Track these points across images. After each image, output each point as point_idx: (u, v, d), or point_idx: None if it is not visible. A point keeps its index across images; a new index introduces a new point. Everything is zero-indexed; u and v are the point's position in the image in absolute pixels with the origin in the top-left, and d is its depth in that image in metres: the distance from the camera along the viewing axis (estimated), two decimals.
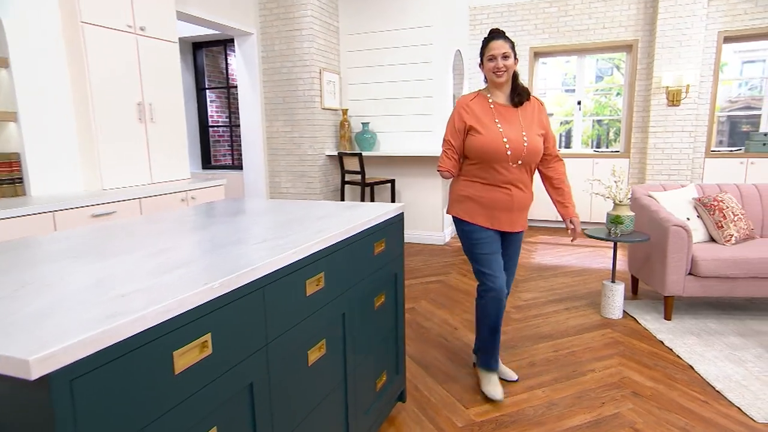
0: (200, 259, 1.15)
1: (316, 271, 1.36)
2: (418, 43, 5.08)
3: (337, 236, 1.47)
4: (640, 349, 2.62)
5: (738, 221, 3.07)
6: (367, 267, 1.71)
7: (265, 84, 5.15)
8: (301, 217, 1.72)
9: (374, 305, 1.79)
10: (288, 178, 5.24)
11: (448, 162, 2.06)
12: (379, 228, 1.78)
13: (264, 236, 1.41)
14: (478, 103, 2.01)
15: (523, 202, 2.06)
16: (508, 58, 1.93)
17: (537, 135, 2.00)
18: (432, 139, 5.20)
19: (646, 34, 5.52)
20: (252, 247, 1.27)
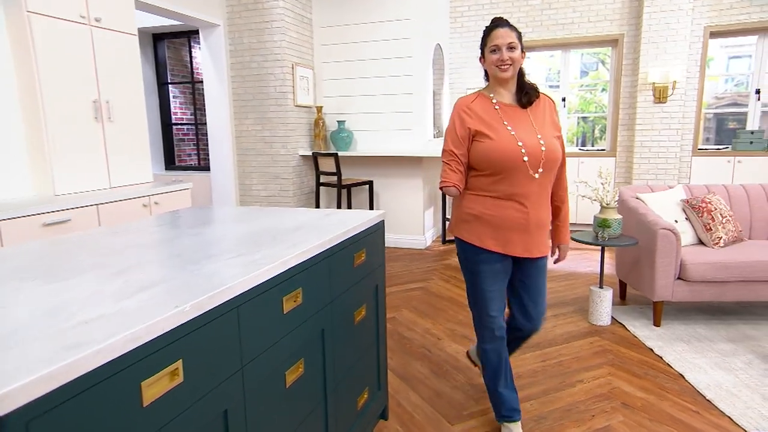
0: (168, 278, 1.14)
1: (294, 287, 1.36)
2: (397, 37, 5.10)
3: (315, 249, 1.47)
4: (629, 358, 2.69)
5: (726, 223, 3.19)
6: (347, 280, 1.71)
7: (234, 79, 5.10)
8: (275, 228, 1.71)
9: (354, 319, 1.79)
10: (259, 180, 5.19)
11: (453, 175, 1.79)
12: (359, 238, 1.79)
13: (236, 250, 1.40)
14: (481, 105, 1.80)
15: (542, 221, 1.81)
16: (515, 50, 1.72)
17: (553, 137, 1.78)
18: (412, 138, 5.23)
19: (632, 28, 5.67)
20: (224, 263, 1.26)
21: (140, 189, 3.34)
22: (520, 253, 1.81)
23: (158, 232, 1.69)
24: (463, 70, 6.26)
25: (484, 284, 1.86)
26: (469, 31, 6.15)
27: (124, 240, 1.58)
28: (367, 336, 1.93)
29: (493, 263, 1.84)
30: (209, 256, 1.34)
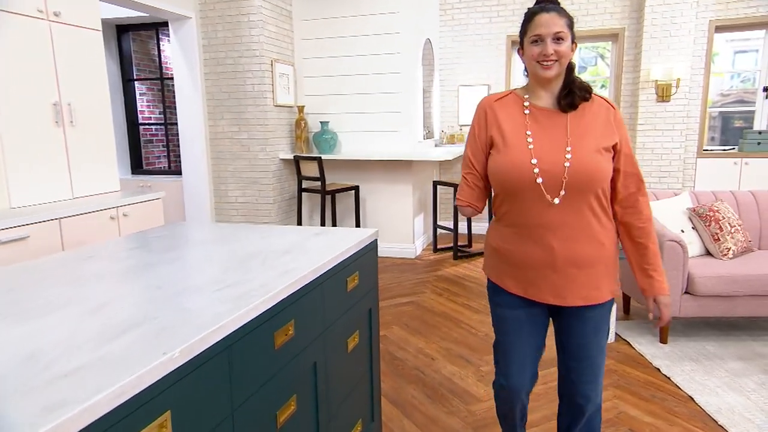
0: (152, 317, 1.13)
1: (286, 319, 1.36)
2: (384, 32, 5.12)
3: (308, 276, 1.48)
4: (635, 379, 2.74)
5: (735, 233, 3.27)
6: (340, 306, 1.72)
7: (207, 76, 5.06)
8: (263, 251, 1.71)
9: (348, 348, 1.80)
10: (236, 186, 5.16)
11: (466, 192, 1.62)
12: (352, 260, 1.80)
13: (223, 279, 1.40)
14: (507, 105, 1.56)
15: (580, 257, 1.49)
16: (563, 42, 1.44)
17: (593, 151, 1.46)
18: (400, 140, 5.25)
19: (633, 22, 5.77)
20: (211, 297, 1.26)
21: (107, 199, 3.30)
22: (551, 300, 1.54)
23: (133, 257, 1.68)
24: (454, 66, 6.31)
25: (500, 333, 1.66)
26: (460, 24, 6.20)
27: (97, 267, 1.57)
28: (361, 364, 1.94)
29: (514, 308, 1.60)
30: (194, 288, 1.33)
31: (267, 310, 1.27)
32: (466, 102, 6.31)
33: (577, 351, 1.60)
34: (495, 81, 6.22)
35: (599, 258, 1.52)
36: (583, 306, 1.54)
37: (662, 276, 1.58)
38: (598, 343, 1.59)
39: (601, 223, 1.52)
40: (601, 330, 1.59)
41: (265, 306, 1.26)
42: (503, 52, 6.15)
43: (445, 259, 5.34)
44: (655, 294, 1.58)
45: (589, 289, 1.52)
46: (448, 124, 6.42)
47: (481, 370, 2.91)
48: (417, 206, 5.49)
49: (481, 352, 3.14)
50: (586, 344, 1.58)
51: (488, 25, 6.13)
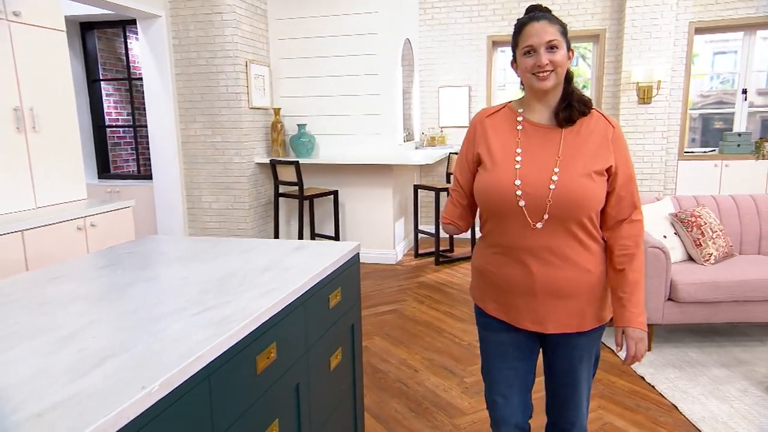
0: (128, 346, 1.12)
1: (268, 342, 1.36)
2: (362, 32, 5.13)
3: (290, 296, 1.48)
4: (620, 388, 2.80)
5: (717, 238, 3.36)
6: (322, 324, 1.72)
7: (179, 77, 5.01)
8: (241, 269, 1.70)
9: (330, 366, 1.80)
10: (210, 191, 5.12)
11: (449, 209, 1.63)
12: (334, 276, 1.80)
13: (202, 302, 1.39)
14: (499, 121, 1.54)
15: (560, 286, 1.46)
16: (557, 50, 1.40)
17: (582, 175, 1.41)
18: (380, 143, 5.27)
19: (614, 23, 5.89)
20: (190, 321, 1.25)
21: (73, 209, 3.24)
22: (530, 327, 1.52)
23: (105, 277, 1.66)
24: (434, 67, 6.35)
25: (484, 357, 1.66)
26: (440, 24, 6.24)
27: (66, 289, 1.54)
28: (344, 381, 1.95)
29: (497, 332, 1.59)
30: (171, 312, 1.32)
31: (249, 334, 1.27)
32: (447, 103, 6.36)
33: (561, 377, 1.58)
34: (476, 82, 6.28)
35: (583, 286, 1.47)
36: (566, 333, 1.50)
37: (637, 308, 1.48)
38: (585, 370, 1.56)
39: (588, 249, 1.47)
40: (587, 358, 1.55)
41: (247, 330, 1.26)
42: (484, 53, 6.21)
43: (426, 264, 5.37)
44: (625, 325, 1.49)
45: (570, 317, 1.48)
46: (429, 126, 6.46)
47: (465, 382, 2.94)
48: (397, 211, 5.51)
49: (465, 362, 3.17)
50: (571, 371, 1.56)
51: (469, 25, 6.19)
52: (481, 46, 6.20)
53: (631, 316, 1.48)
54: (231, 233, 5.12)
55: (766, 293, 3.05)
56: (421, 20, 6.29)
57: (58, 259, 2.98)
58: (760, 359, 3.03)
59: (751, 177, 5.70)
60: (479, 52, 6.22)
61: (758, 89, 6.28)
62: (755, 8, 5.60)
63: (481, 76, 6.26)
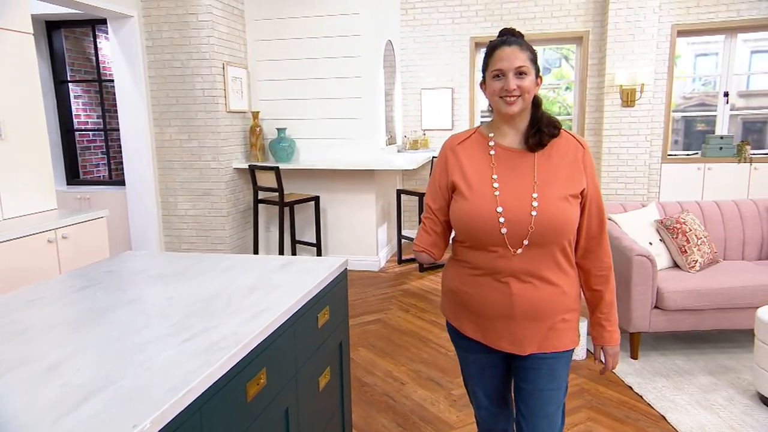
0: (115, 378, 1.11)
1: (258, 368, 1.36)
2: (344, 34, 5.13)
3: (279, 319, 1.48)
4: (608, 398, 2.86)
5: (702, 245, 3.45)
6: (311, 345, 1.72)
7: (153, 80, 4.95)
8: (227, 289, 1.70)
9: (319, 387, 1.81)
10: (186, 198, 5.07)
11: (423, 237, 1.62)
12: (323, 294, 1.81)
13: (188, 326, 1.39)
14: (471, 147, 1.57)
15: (538, 308, 1.50)
16: (525, 76, 1.46)
17: (560, 199, 1.46)
18: (362, 147, 5.28)
19: (597, 25, 6.00)
20: (178, 349, 1.25)
21: (42, 220, 3.18)
22: (507, 348, 1.55)
23: (84, 299, 1.64)
24: (416, 69, 6.38)
25: (465, 374, 1.73)
26: (423, 25, 6.28)
27: (45, 313, 1.52)
28: (332, 401, 1.95)
29: (475, 353, 1.64)
30: (157, 338, 1.32)
31: (239, 361, 1.27)
32: (429, 105, 6.40)
33: (529, 398, 1.59)
34: (458, 84, 6.33)
35: (560, 307, 1.52)
36: (539, 353, 1.54)
37: (614, 326, 1.61)
38: (554, 391, 1.58)
39: (565, 271, 1.53)
40: (557, 378, 1.57)
41: (237, 357, 1.26)
42: (467, 54, 6.26)
43: (410, 271, 5.40)
44: (604, 344, 1.62)
45: (549, 339, 1.53)
46: (411, 129, 6.49)
47: (452, 394, 2.96)
48: (380, 216, 5.53)
49: (452, 374, 3.20)
50: (540, 391, 1.57)
51: (451, 26, 6.24)
52: (464, 47, 6.26)
53: (610, 336, 1.62)
54: (208, 241, 5.08)
55: (749, 300, 3.14)
56: (403, 21, 6.32)
57: (28, 274, 2.93)
58: (745, 366, 3.12)
59: (734, 180, 5.86)
60: (462, 53, 6.27)
61: (739, 91, 6.46)
62: (736, 12, 5.76)
63: (464, 77, 6.31)
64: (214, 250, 5.09)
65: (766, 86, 6.58)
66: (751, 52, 6.54)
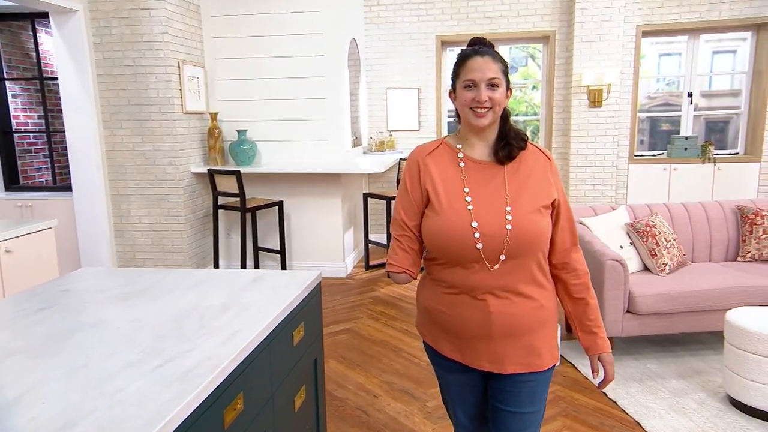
0: (86, 412, 1.09)
1: (235, 393, 1.35)
2: (305, 32, 5.11)
3: (256, 339, 1.47)
4: (583, 405, 2.94)
5: (671, 248, 3.59)
6: (287, 364, 1.72)
7: (101, 79, 4.82)
8: (196, 308, 1.68)
9: (295, 407, 1.81)
10: (140, 204, 4.95)
11: (401, 256, 1.59)
12: (297, 310, 1.81)
13: (159, 350, 1.36)
14: (440, 158, 1.57)
15: (517, 324, 1.52)
16: (497, 88, 1.48)
17: (533, 211, 1.49)
18: (327, 150, 5.27)
19: (564, 25, 6.15)
20: (151, 377, 1.23)
21: None
22: (487, 367, 1.55)
23: (42, 323, 1.59)
24: (381, 68, 6.41)
25: (445, 392, 1.75)
26: (387, 23, 6.31)
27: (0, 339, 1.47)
28: (308, 421, 1.95)
29: (454, 373, 1.64)
30: (127, 366, 1.29)
31: (216, 387, 1.26)
32: (396, 106, 6.44)
33: (508, 420, 1.59)
34: (425, 83, 6.39)
35: (539, 322, 1.54)
36: (521, 373, 1.54)
37: (604, 332, 1.63)
38: (533, 414, 1.58)
39: (541, 285, 1.55)
40: (536, 399, 1.58)
41: (215, 384, 1.25)
42: (433, 53, 6.33)
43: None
44: (599, 352, 1.61)
45: (530, 356, 1.53)
46: (377, 130, 6.51)
47: (427, 406, 3.00)
48: (347, 221, 5.53)
49: (426, 384, 3.23)
50: (519, 414, 1.57)
51: (417, 24, 6.29)
52: (430, 46, 6.32)
53: (603, 343, 1.62)
54: (165, 250, 4.98)
55: (718, 303, 3.28)
56: (367, 18, 6.34)
57: None
58: (714, 368, 3.26)
59: (699, 181, 6.11)
60: (428, 52, 6.33)
61: (702, 91, 6.74)
62: (698, 13, 6.01)
63: (430, 77, 6.37)
64: (171, 260, 4.99)
65: (727, 86, 6.89)
66: (712, 53, 6.84)
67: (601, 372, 1.65)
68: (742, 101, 6.46)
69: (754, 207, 3.88)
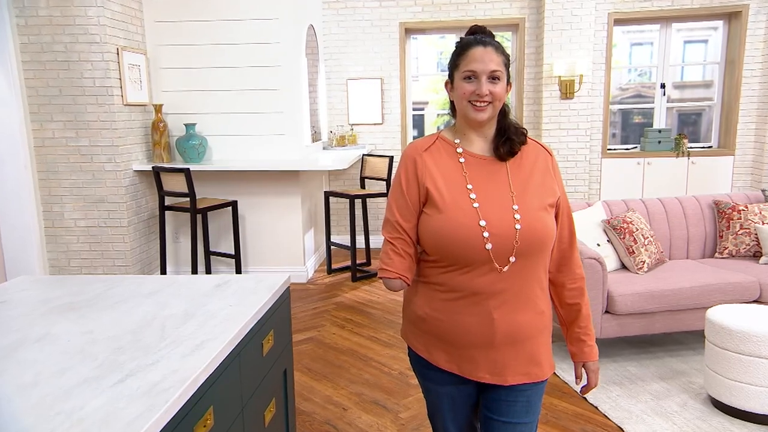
0: None
1: (205, 408, 1.34)
2: (259, 16, 5.07)
3: (226, 348, 1.46)
4: (563, 411, 3.02)
5: (649, 245, 3.72)
6: (257, 375, 1.71)
7: (28, 66, 4.66)
8: (157, 316, 1.65)
9: (265, 421, 1.80)
10: (75, 206, 4.81)
11: (396, 261, 1.55)
12: (267, 318, 1.80)
13: (119, 364, 1.34)
14: (438, 154, 1.57)
15: (519, 332, 1.52)
16: (498, 81, 1.48)
17: (540, 208, 1.51)
18: (285, 145, 5.24)
19: (533, 12, 6.28)
20: (113, 394, 1.20)
21: None
22: (488, 379, 1.55)
23: None
24: (341, 57, 6.41)
25: (433, 407, 1.71)
26: (347, 8, 6.31)
27: None
28: None
29: (447, 385, 1.63)
30: (83, 382, 1.26)
31: (186, 402, 1.24)
32: (357, 97, 6.44)
33: (500, 431, 1.59)
34: (388, 74, 6.42)
35: (539, 328, 1.55)
36: (519, 384, 1.55)
37: (593, 340, 1.66)
38: (528, 425, 1.60)
39: (543, 287, 1.58)
40: (532, 410, 1.60)
41: (185, 398, 1.23)
42: (396, 41, 6.36)
43: (342, 281, 5.42)
44: (585, 360, 1.66)
45: (531, 365, 1.54)
46: (337, 124, 6.51)
47: (400, 417, 3.02)
48: (307, 221, 5.50)
49: (398, 394, 3.25)
50: (513, 425, 1.58)
51: (378, 10, 6.31)
52: (393, 33, 6.35)
53: (591, 351, 1.67)
54: (105, 256, 4.85)
55: (698, 301, 3.43)
56: (325, 3, 6.32)
57: None
58: (695, 369, 3.39)
59: (673, 175, 6.34)
60: (391, 40, 6.36)
61: (674, 82, 6.99)
62: (670, 1, 6.23)
63: (394, 66, 6.41)
64: (112, 267, 4.86)
65: (699, 77, 7.17)
66: (684, 42, 7.10)
67: (584, 378, 1.70)
68: (715, 92, 6.73)
69: (731, 202, 4.06)
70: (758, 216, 3.93)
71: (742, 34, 6.25)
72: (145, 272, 5.13)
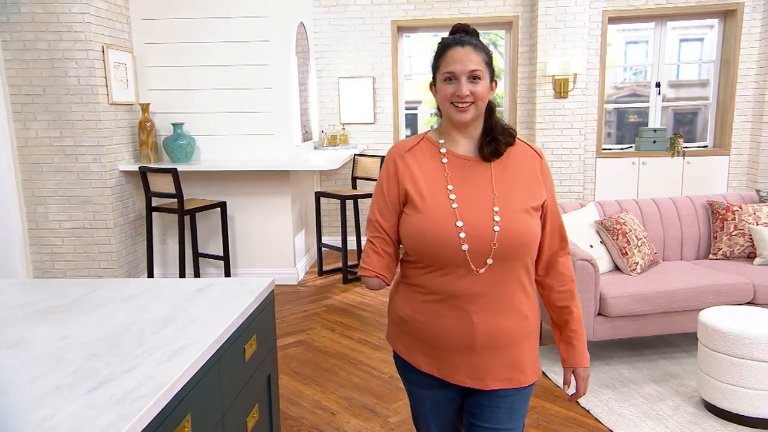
0: None
1: (182, 416, 1.33)
2: (249, 14, 5.05)
3: (205, 354, 1.45)
4: (555, 415, 3.02)
5: (642, 246, 3.72)
6: (238, 381, 1.70)
7: (10, 64, 4.63)
8: (135, 322, 1.64)
9: (248, 428, 1.79)
10: (60, 208, 4.79)
11: (374, 260, 1.58)
12: (249, 322, 1.79)
13: (94, 371, 1.32)
14: (421, 155, 1.58)
15: (500, 336, 1.53)
16: (479, 81, 1.48)
17: (522, 211, 1.51)
18: (274, 145, 5.23)
19: (527, 10, 6.29)
20: (86, 402, 1.19)
21: None
22: (468, 383, 1.56)
23: None
24: (332, 55, 6.40)
25: (417, 411, 1.73)
26: (338, 5, 6.31)
27: None
28: None
29: (428, 388, 1.64)
30: (55, 390, 1.25)
31: (162, 409, 1.23)
32: (349, 96, 6.44)
33: None
34: (380, 72, 6.42)
35: (522, 333, 1.55)
36: (501, 389, 1.56)
37: (584, 344, 1.66)
38: (510, 430, 1.61)
39: (527, 292, 1.57)
40: (515, 416, 1.60)
41: (160, 406, 1.22)
42: (388, 39, 6.36)
43: (333, 283, 5.41)
44: (575, 366, 1.65)
45: (513, 371, 1.55)
46: (329, 123, 6.50)
47: (389, 422, 3.01)
48: (297, 222, 5.49)
49: (388, 399, 3.25)
50: (494, 430, 1.59)
51: (370, 8, 6.31)
52: (386, 31, 6.35)
53: (581, 356, 1.66)
54: (90, 258, 4.82)
55: (691, 302, 3.43)
56: (316, 0, 6.31)
57: None
58: (688, 372, 3.40)
59: (668, 175, 6.35)
60: (383, 38, 6.36)
61: (669, 81, 7.01)
62: None
63: (386, 65, 6.40)
64: (98, 269, 4.84)
65: (695, 76, 7.20)
66: (680, 41, 7.12)
67: (573, 385, 1.69)
68: (711, 92, 6.75)
69: (725, 202, 4.08)
70: (752, 217, 3.94)
71: (738, 33, 6.28)
72: (132, 275, 5.11)
